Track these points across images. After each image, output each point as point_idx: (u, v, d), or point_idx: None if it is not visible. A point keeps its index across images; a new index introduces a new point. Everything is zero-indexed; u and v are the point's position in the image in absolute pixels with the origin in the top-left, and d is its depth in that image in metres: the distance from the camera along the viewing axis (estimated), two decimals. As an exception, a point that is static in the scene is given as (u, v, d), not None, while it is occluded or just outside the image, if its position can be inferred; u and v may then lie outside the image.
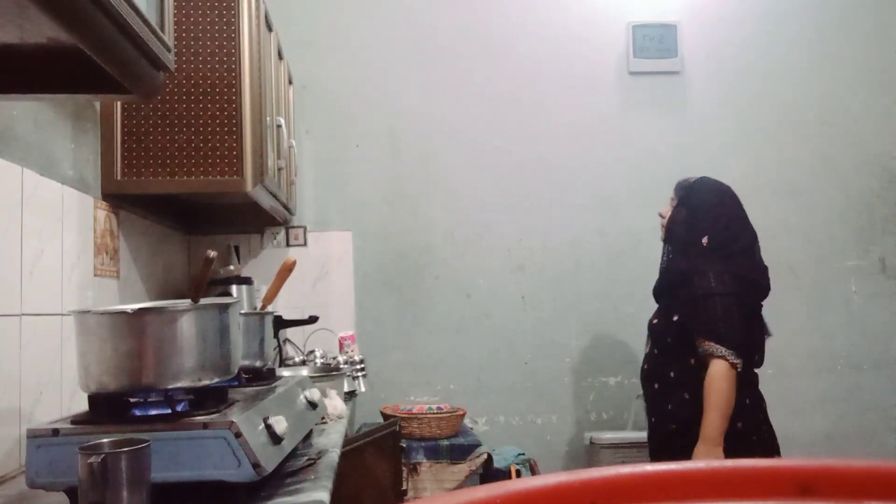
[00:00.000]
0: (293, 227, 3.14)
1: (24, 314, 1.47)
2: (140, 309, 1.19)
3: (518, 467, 2.74)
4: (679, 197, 2.27)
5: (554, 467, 3.05)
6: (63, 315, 1.64)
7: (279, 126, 2.48)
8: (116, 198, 2.05)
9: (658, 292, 2.28)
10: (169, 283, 2.61)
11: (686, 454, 1.93)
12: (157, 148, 2.03)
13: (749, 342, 2.05)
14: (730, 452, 1.93)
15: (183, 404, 1.21)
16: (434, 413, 2.73)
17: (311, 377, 2.04)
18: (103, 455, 0.97)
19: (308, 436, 1.61)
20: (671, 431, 2.06)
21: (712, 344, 1.98)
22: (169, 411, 1.17)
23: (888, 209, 3.37)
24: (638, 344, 3.28)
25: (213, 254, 1.26)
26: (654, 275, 3.28)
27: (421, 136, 3.22)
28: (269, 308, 1.81)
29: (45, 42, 0.94)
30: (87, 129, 1.92)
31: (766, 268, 2.17)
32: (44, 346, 1.56)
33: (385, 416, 2.76)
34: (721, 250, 2.09)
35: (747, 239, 2.16)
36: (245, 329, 1.58)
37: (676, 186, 2.30)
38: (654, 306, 2.30)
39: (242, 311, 1.59)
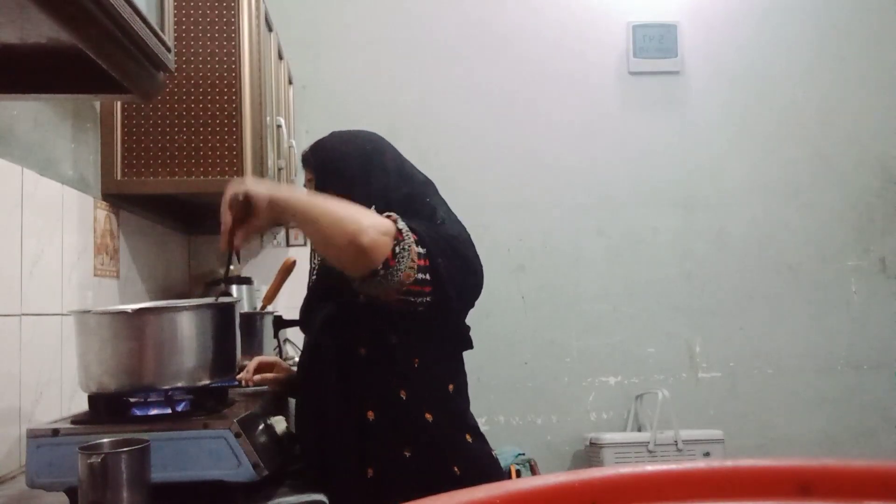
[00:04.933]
0: (293, 226, 3.14)
1: (24, 314, 1.47)
2: (140, 309, 1.19)
3: (518, 467, 2.74)
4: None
5: (554, 467, 3.05)
6: (63, 315, 1.64)
7: (279, 126, 2.47)
8: (116, 198, 2.05)
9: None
10: (169, 283, 2.61)
11: None
12: (157, 148, 2.03)
13: None
14: None
15: (183, 404, 1.21)
16: (434, 413, 2.72)
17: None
18: (103, 455, 0.97)
19: (308, 436, 1.61)
20: None
21: None
22: (169, 411, 1.17)
23: (888, 209, 3.37)
24: (638, 344, 3.29)
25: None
26: (653, 275, 3.29)
27: (421, 136, 3.22)
28: (269, 308, 1.81)
29: (45, 42, 0.94)
30: (87, 129, 1.92)
31: None
32: (44, 346, 1.56)
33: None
34: None
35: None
36: (245, 329, 1.58)
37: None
38: (654, 306, 2.28)
39: (242, 311, 1.59)
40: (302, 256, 3.07)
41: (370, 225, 1.20)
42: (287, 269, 1.80)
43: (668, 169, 3.30)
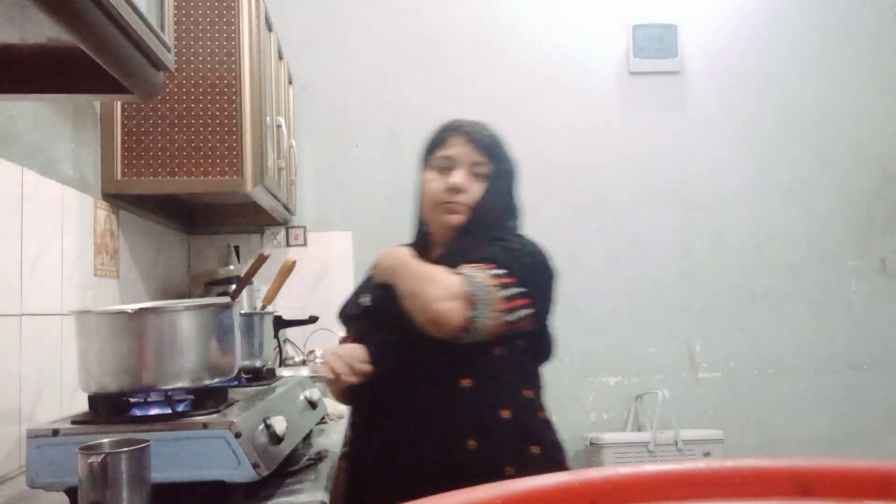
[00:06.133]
0: (293, 227, 3.14)
1: (24, 314, 1.47)
2: (140, 309, 1.19)
3: (518, 467, 2.74)
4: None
5: (554, 467, 3.05)
6: (63, 315, 1.64)
7: (279, 126, 2.47)
8: (116, 198, 2.05)
9: None
10: (169, 283, 2.61)
11: None
12: (157, 148, 2.03)
13: None
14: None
15: (183, 404, 1.21)
16: (434, 413, 2.72)
17: (311, 377, 2.04)
18: (103, 455, 0.97)
19: (308, 436, 1.61)
20: None
21: None
22: (169, 411, 1.17)
23: (888, 209, 3.37)
24: (638, 344, 3.29)
25: (267, 253, 1.49)
26: (653, 275, 3.29)
27: (421, 136, 3.20)
28: (269, 308, 1.81)
29: (45, 42, 0.94)
30: (87, 129, 1.92)
31: None
32: (44, 346, 1.56)
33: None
34: None
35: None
36: (245, 329, 1.58)
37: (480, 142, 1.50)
38: (654, 306, 2.27)
39: (242, 311, 1.59)
40: (302, 256, 3.08)
41: (435, 298, 1.25)
42: (287, 269, 1.80)
43: (668, 169, 3.30)
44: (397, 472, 1.33)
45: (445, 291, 1.25)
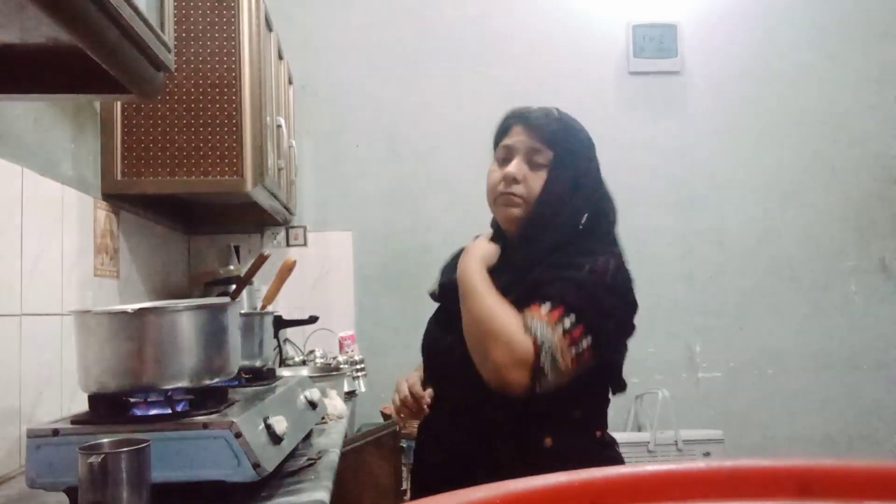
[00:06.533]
0: (293, 227, 3.14)
1: (24, 314, 1.47)
2: (140, 309, 1.19)
3: (518, 467, 2.74)
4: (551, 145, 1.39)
5: (554, 467, 3.05)
6: (63, 315, 1.64)
7: (279, 126, 2.47)
8: (116, 198, 2.05)
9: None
10: (169, 283, 2.61)
11: None
12: (157, 148, 2.03)
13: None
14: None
15: (183, 404, 1.21)
16: (434, 413, 2.72)
17: (311, 377, 2.04)
18: (103, 455, 0.97)
19: (308, 436, 1.61)
20: None
21: None
22: (169, 411, 1.17)
23: (888, 209, 3.37)
24: (638, 344, 3.28)
25: (267, 253, 1.52)
26: (653, 275, 3.29)
27: (421, 136, 3.22)
28: (269, 308, 1.81)
29: (45, 42, 0.94)
30: (87, 129, 1.92)
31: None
32: (44, 346, 1.56)
33: (385, 416, 2.75)
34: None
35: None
36: (245, 329, 1.58)
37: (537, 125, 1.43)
38: (654, 306, 2.26)
39: (242, 311, 1.59)
40: (302, 256, 3.08)
41: (501, 363, 1.17)
42: (287, 269, 1.80)
43: (669, 169, 3.30)
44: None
45: (512, 358, 1.17)
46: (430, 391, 1.42)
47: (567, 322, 1.19)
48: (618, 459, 1.41)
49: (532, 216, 1.35)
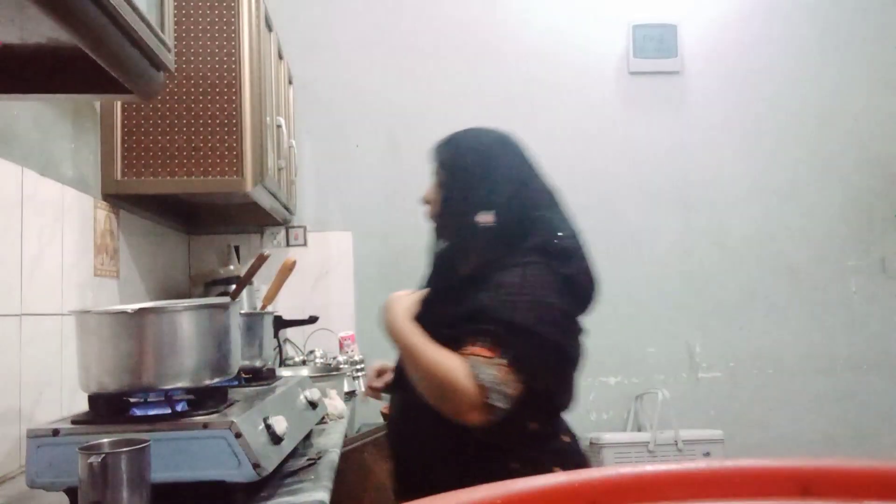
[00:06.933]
0: (293, 227, 3.14)
1: (24, 314, 1.47)
2: (140, 309, 1.19)
3: (518, 467, 2.74)
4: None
5: (554, 467, 3.05)
6: (63, 315, 1.64)
7: (279, 126, 2.47)
8: (116, 198, 2.05)
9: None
10: (169, 283, 2.61)
11: None
12: (157, 148, 2.03)
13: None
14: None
15: (183, 404, 1.21)
16: (434, 413, 2.72)
17: (311, 377, 2.04)
18: (103, 455, 0.97)
19: (308, 436, 1.61)
20: None
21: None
22: (169, 411, 1.17)
23: (888, 209, 3.37)
24: (638, 344, 3.29)
25: (267, 253, 1.57)
26: (653, 275, 3.29)
27: (421, 136, 3.20)
28: (269, 308, 1.81)
29: (45, 42, 0.94)
30: (87, 129, 1.92)
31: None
32: (44, 346, 1.56)
33: (385, 417, 2.75)
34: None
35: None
36: (245, 329, 1.58)
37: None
38: (654, 306, 2.26)
39: (242, 311, 1.59)
40: (302, 256, 3.08)
41: (455, 413, 1.25)
42: (287, 269, 1.80)
43: (668, 169, 3.30)
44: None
45: (465, 405, 1.23)
46: (388, 372, 1.60)
47: (503, 354, 1.25)
48: (568, 452, 1.44)
49: (434, 230, 1.50)
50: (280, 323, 2.36)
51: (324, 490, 1.23)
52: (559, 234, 1.40)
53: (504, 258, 1.36)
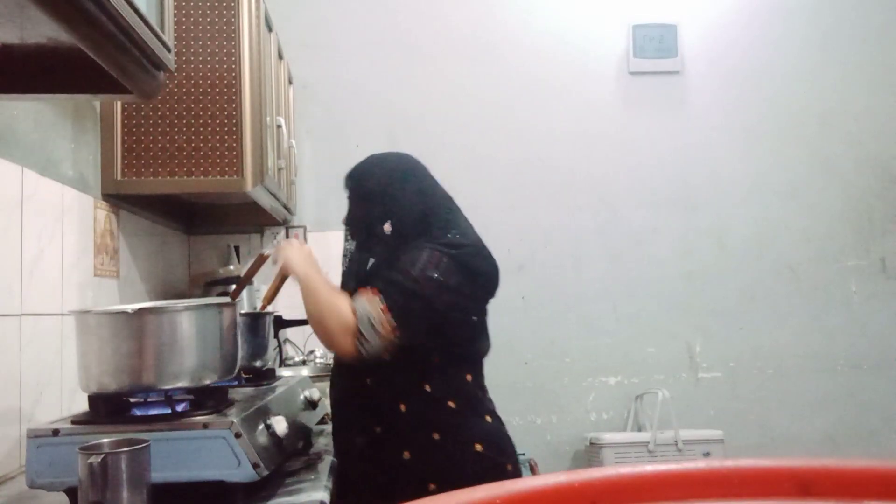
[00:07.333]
0: (293, 227, 3.14)
1: (24, 314, 1.47)
2: (140, 309, 1.19)
3: (518, 467, 2.74)
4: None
5: (554, 467, 3.05)
6: (63, 315, 1.64)
7: (279, 126, 2.47)
8: (116, 198, 2.05)
9: None
10: (169, 283, 2.61)
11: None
12: (157, 148, 2.03)
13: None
14: None
15: (183, 404, 1.21)
16: (434, 413, 2.72)
17: (311, 377, 2.04)
18: (103, 455, 0.97)
19: (308, 436, 1.61)
20: None
21: None
22: (169, 411, 1.17)
23: (888, 209, 3.37)
24: (638, 344, 3.29)
25: (267, 253, 1.72)
26: (653, 275, 3.29)
27: (421, 136, 3.22)
28: (269, 308, 1.81)
29: (45, 42, 0.94)
30: (87, 129, 1.92)
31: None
32: (44, 346, 1.56)
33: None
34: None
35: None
36: (245, 329, 1.58)
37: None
38: (654, 306, 2.28)
39: (242, 311, 1.59)
40: (302, 256, 3.08)
41: (333, 332, 1.51)
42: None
43: (669, 169, 3.30)
44: (338, 448, 1.63)
45: (338, 326, 1.49)
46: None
47: (383, 300, 1.50)
48: (491, 432, 1.64)
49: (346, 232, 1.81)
50: (280, 323, 2.36)
51: (324, 490, 1.23)
52: (453, 231, 1.66)
53: (407, 248, 1.60)
